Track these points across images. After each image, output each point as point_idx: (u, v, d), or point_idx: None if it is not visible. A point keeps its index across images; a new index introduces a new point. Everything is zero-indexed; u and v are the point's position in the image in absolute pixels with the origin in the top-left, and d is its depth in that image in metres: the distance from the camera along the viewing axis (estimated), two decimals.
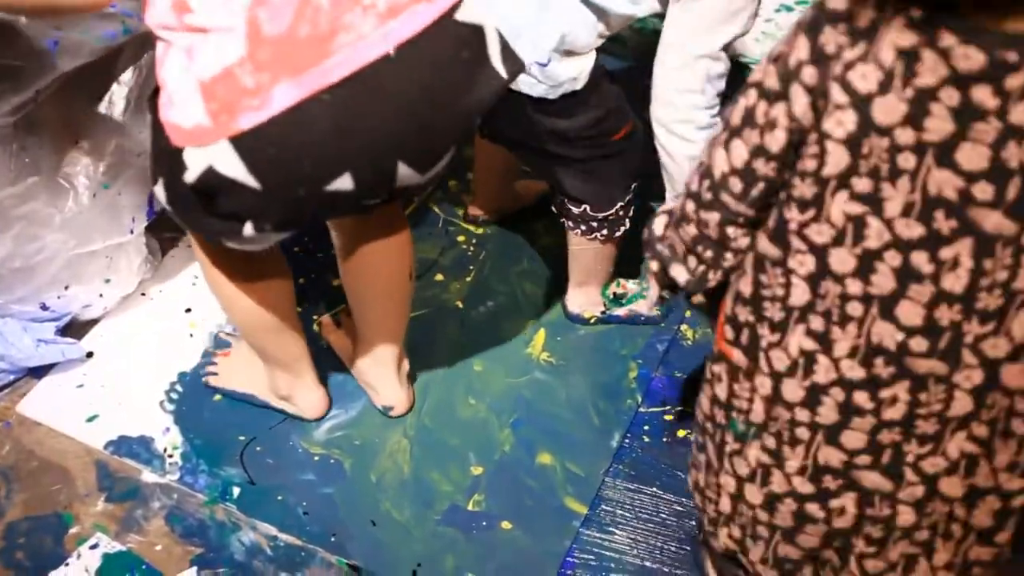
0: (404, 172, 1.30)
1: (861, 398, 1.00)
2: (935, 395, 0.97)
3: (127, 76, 1.71)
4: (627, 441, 1.79)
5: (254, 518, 1.66)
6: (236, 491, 1.69)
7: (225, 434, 1.77)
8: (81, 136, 1.73)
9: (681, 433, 1.80)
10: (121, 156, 1.77)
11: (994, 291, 0.90)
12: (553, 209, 1.81)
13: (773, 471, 1.10)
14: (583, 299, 1.94)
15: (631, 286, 1.96)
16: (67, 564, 1.59)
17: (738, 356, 1.11)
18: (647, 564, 1.63)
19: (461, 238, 2.13)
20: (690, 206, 1.10)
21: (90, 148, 1.74)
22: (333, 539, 1.64)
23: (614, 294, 1.94)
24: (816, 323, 1.00)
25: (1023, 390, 0.95)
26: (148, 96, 1.31)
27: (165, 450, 1.75)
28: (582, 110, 1.61)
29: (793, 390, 1.04)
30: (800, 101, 0.92)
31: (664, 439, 1.79)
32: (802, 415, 1.05)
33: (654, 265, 1.21)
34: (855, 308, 0.97)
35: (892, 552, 1.09)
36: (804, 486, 1.08)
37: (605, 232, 1.78)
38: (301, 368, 1.71)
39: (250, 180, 1.20)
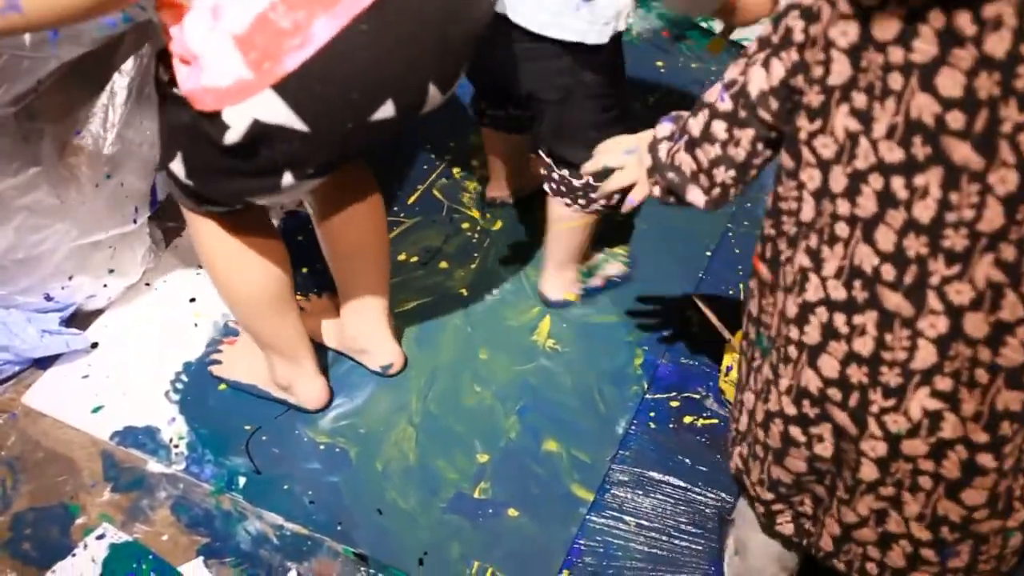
0: (432, 93, 1.32)
1: (839, 320, 1.02)
2: (900, 340, 0.98)
3: (128, 65, 1.70)
4: (633, 428, 1.78)
5: (260, 507, 1.66)
6: (242, 480, 1.69)
7: (230, 423, 1.77)
8: (83, 126, 1.72)
9: (687, 419, 1.79)
10: (123, 146, 1.76)
11: (960, 230, 0.91)
12: (551, 187, 1.80)
13: (771, 389, 1.13)
14: (560, 282, 1.95)
15: (595, 255, 2.00)
16: (74, 555, 1.59)
17: (764, 271, 1.14)
18: (654, 550, 1.62)
19: (466, 225, 2.12)
20: (719, 125, 1.12)
21: (92, 138, 1.73)
22: (339, 528, 1.64)
23: (585, 267, 1.98)
24: (813, 240, 1.03)
25: (985, 339, 0.96)
26: (154, 79, 1.31)
27: (171, 440, 1.74)
28: (617, 61, 1.65)
29: (791, 307, 1.07)
30: (825, 14, 0.95)
31: (670, 425, 1.79)
32: (794, 333, 1.07)
33: (657, 191, 1.27)
34: (842, 229, 0.99)
35: (860, 505, 1.11)
36: (789, 407, 1.10)
37: (604, 203, 1.78)
38: (300, 356, 1.70)
39: (297, 123, 1.21)
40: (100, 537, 1.62)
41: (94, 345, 1.88)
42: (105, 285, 1.90)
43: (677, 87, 2.45)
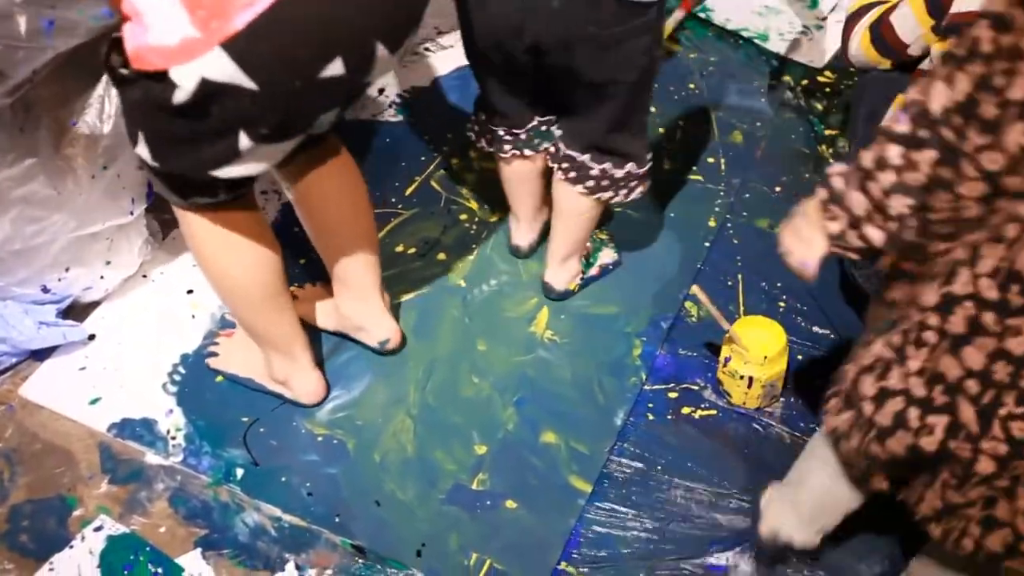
0: (380, 52, 1.31)
1: (989, 318, 1.02)
2: None
3: None
4: (631, 419, 1.78)
5: (258, 499, 1.66)
6: (240, 472, 1.69)
7: (228, 415, 1.77)
8: (79, 116, 1.71)
9: (686, 410, 1.79)
10: (119, 137, 1.75)
11: None
12: (587, 186, 1.78)
13: (892, 367, 1.13)
14: (566, 274, 1.95)
15: (588, 244, 2.01)
16: (71, 546, 1.59)
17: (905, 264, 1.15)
18: (652, 541, 1.62)
19: (463, 216, 2.12)
20: (894, 150, 1.06)
21: (88, 129, 1.73)
22: (337, 519, 1.63)
23: (583, 258, 1.99)
24: (976, 236, 1.02)
25: None
26: (105, 55, 1.28)
27: (168, 432, 1.74)
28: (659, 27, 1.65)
29: (931, 294, 1.07)
30: (1019, 23, 0.92)
31: (668, 416, 1.79)
32: (933, 320, 1.07)
33: (834, 226, 1.16)
34: (1012, 229, 0.99)
35: (972, 492, 1.12)
36: (918, 388, 1.10)
37: (640, 190, 1.80)
38: (296, 350, 1.70)
39: (246, 81, 1.20)
40: (98, 529, 1.62)
41: (91, 337, 1.87)
42: (102, 277, 1.89)
43: (675, 78, 2.45)
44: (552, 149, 1.81)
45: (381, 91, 2.40)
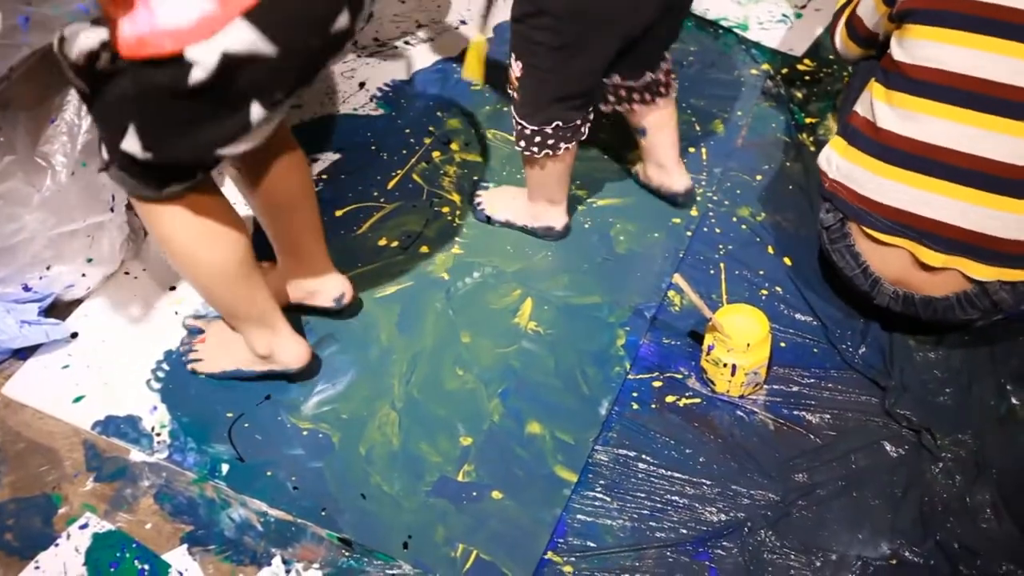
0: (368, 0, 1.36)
1: None
2: None
3: None
4: (616, 408, 1.79)
5: (244, 494, 1.66)
6: (225, 468, 1.69)
7: (213, 411, 1.76)
8: (57, 114, 1.71)
9: (669, 399, 1.80)
10: (98, 133, 1.75)
11: None
12: (664, 88, 1.96)
13: None
14: (686, 173, 2.11)
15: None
16: (57, 544, 1.59)
17: None
18: (637, 530, 1.63)
19: (446, 209, 2.12)
20: None
21: (67, 126, 1.72)
22: (323, 513, 1.63)
23: None
24: None
25: None
26: (70, 69, 1.26)
27: (153, 429, 1.74)
28: None
29: None
30: None
31: (653, 405, 1.79)
32: None
33: None
34: None
35: None
36: None
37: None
38: (274, 320, 1.68)
39: (267, 48, 1.20)
40: (83, 527, 1.61)
41: (74, 335, 1.87)
42: (84, 274, 1.89)
43: None
44: (618, 94, 1.94)
45: (362, 85, 2.39)
